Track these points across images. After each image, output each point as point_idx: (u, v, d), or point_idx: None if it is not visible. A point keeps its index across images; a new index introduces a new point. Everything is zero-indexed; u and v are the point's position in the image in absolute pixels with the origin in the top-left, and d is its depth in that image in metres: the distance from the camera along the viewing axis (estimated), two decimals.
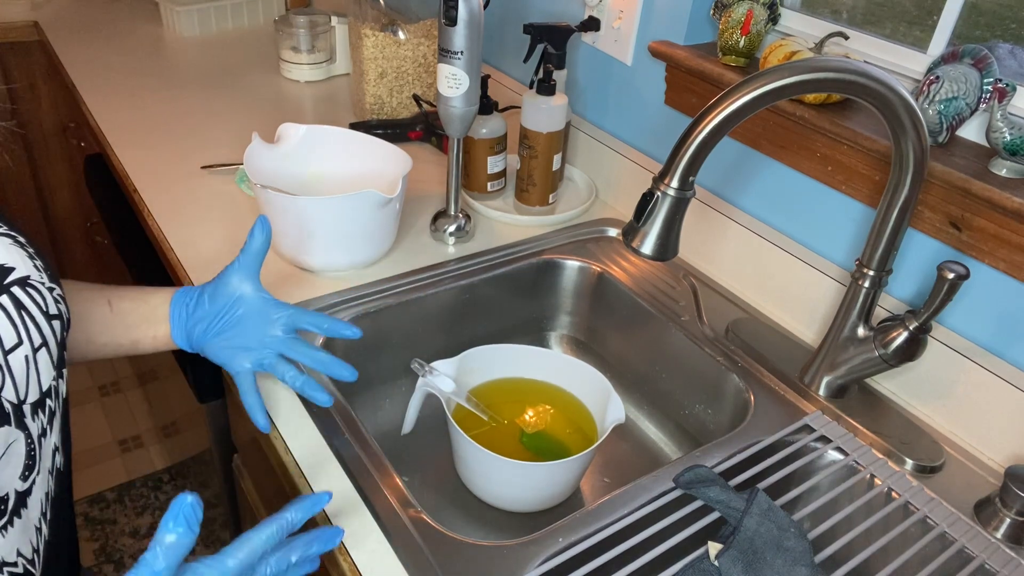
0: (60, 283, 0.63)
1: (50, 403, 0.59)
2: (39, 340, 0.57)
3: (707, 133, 0.67)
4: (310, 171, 1.10)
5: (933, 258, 0.86)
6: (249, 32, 1.89)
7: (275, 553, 0.59)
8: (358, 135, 1.11)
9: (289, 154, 1.08)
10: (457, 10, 0.93)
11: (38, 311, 0.57)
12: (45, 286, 0.59)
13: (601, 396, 0.88)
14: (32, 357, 0.56)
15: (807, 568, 0.67)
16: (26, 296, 0.57)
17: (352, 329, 0.81)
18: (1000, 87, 0.79)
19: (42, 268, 0.60)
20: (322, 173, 1.10)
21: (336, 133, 1.11)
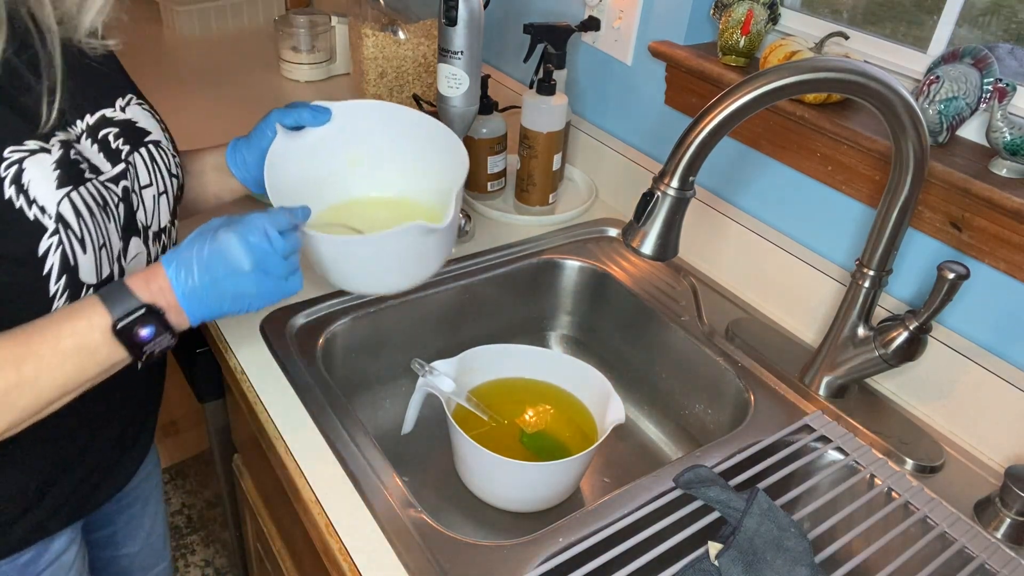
0: (179, 155, 0.81)
1: (164, 238, 0.77)
2: (163, 187, 0.76)
3: (707, 133, 0.67)
4: (347, 158, 0.91)
5: (933, 258, 0.86)
6: (249, 32, 1.89)
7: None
8: (398, 109, 0.91)
9: (317, 144, 0.89)
10: (457, 10, 0.93)
11: (164, 167, 0.76)
12: (170, 152, 0.78)
13: (601, 396, 0.88)
14: (157, 198, 0.75)
15: (807, 568, 0.67)
16: (158, 154, 0.76)
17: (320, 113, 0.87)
18: (1000, 87, 0.79)
19: (169, 139, 0.79)
20: (361, 159, 0.92)
21: (372, 109, 0.91)
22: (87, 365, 0.62)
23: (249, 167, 0.86)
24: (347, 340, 0.98)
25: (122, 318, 0.62)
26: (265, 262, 0.66)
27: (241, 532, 1.29)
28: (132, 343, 0.63)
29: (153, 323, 0.63)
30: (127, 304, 0.62)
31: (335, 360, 0.98)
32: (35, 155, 0.63)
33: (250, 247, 0.65)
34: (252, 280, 0.66)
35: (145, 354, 0.64)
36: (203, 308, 0.66)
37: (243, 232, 0.66)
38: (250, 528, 1.21)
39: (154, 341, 0.64)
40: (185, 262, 0.65)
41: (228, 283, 0.65)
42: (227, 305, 0.66)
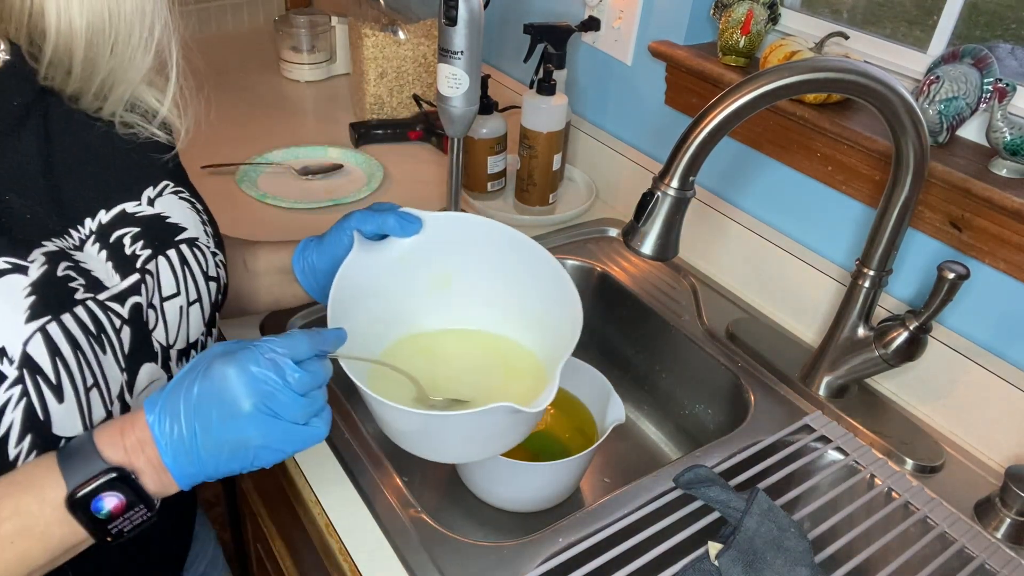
0: (224, 252, 0.68)
1: (194, 354, 0.63)
2: (194, 295, 0.63)
3: (707, 133, 0.67)
4: (431, 280, 0.78)
5: (933, 258, 0.86)
6: (249, 32, 1.89)
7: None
8: (508, 232, 0.76)
9: (399, 260, 0.75)
10: (457, 10, 0.93)
11: (199, 270, 0.63)
12: (210, 250, 0.65)
13: (601, 396, 0.88)
14: (186, 309, 0.62)
15: (807, 568, 0.67)
16: (191, 255, 0.63)
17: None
18: (1000, 87, 0.79)
19: (211, 234, 0.67)
20: (447, 284, 0.79)
21: (474, 225, 0.76)
22: (34, 552, 0.48)
23: (318, 275, 0.74)
24: None
25: (80, 487, 0.48)
26: (272, 401, 0.52)
27: (241, 532, 1.29)
28: (94, 520, 0.49)
29: (121, 492, 0.49)
30: (89, 467, 0.49)
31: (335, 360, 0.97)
32: (2, 278, 0.49)
33: (252, 380, 0.51)
34: (255, 425, 0.51)
35: (112, 534, 0.50)
36: (193, 466, 0.51)
37: (244, 361, 0.51)
38: (250, 528, 1.21)
39: (124, 517, 0.50)
40: (171, 406, 0.51)
41: (224, 431, 0.51)
42: (224, 461, 0.52)
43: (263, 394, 0.51)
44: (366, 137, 1.38)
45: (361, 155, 1.33)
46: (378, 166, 1.30)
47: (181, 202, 0.64)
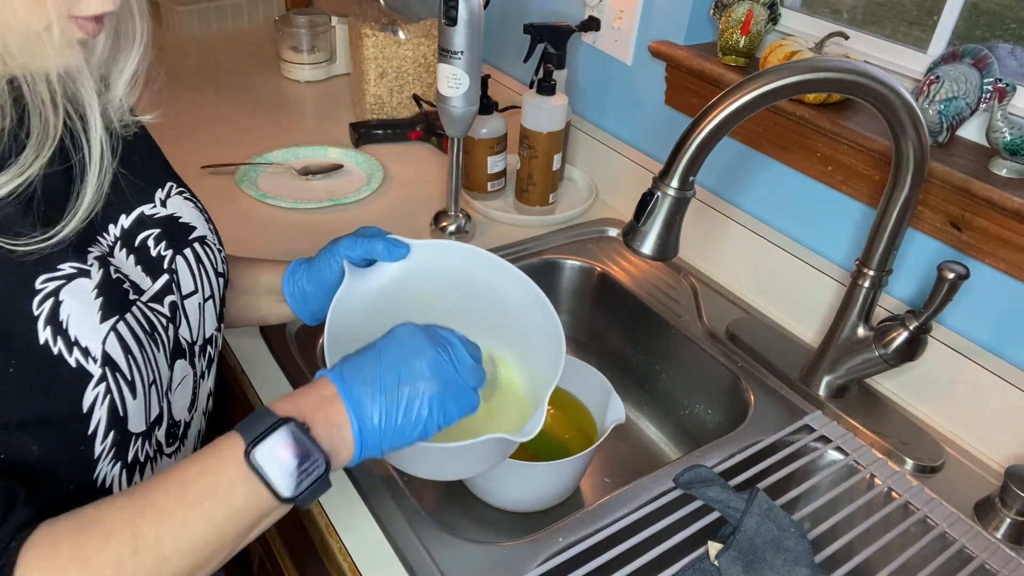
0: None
1: (210, 350, 0.67)
2: (209, 292, 0.66)
3: (707, 133, 0.67)
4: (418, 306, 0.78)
5: (933, 258, 0.86)
6: (249, 32, 1.89)
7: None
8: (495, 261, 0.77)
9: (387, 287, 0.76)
10: (457, 10, 0.93)
11: (211, 267, 0.66)
12: (216, 247, 0.68)
13: (601, 396, 0.88)
14: (203, 305, 0.64)
15: (807, 568, 0.67)
16: (203, 253, 0.65)
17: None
18: (1000, 87, 0.79)
19: (214, 231, 0.69)
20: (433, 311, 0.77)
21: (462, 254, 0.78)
22: (220, 516, 0.48)
23: (308, 298, 0.75)
24: None
25: (255, 439, 0.49)
26: (453, 351, 0.57)
27: None
28: (272, 472, 0.49)
29: (294, 439, 0.50)
30: (264, 422, 0.50)
31: None
32: (73, 281, 0.51)
33: (437, 334, 0.57)
34: (433, 370, 0.55)
35: (298, 490, 0.50)
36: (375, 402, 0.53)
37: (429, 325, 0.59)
38: None
39: (301, 469, 0.50)
40: (354, 360, 0.56)
41: (403, 368, 0.54)
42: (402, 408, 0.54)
43: (446, 343, 0.57)
44: (366, 137, 1.38)
45: (361, 155, 1.33)
46: (378, 166, 1.30)
47: (187, 202, 0.66)
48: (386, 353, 0.55)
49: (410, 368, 0.55)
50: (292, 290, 0.76)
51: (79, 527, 0.46)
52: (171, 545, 0.47)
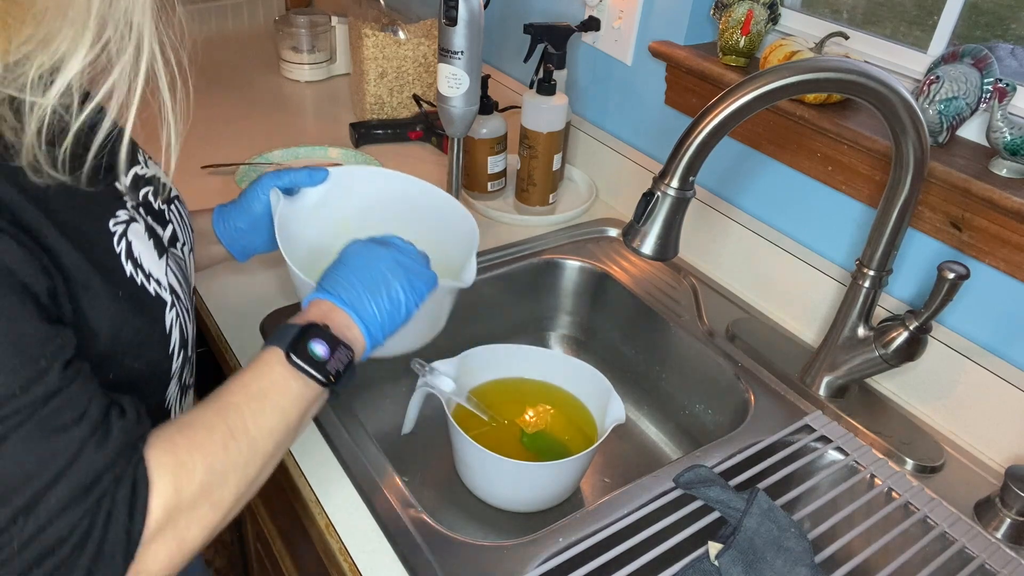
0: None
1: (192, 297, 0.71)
2: (189, 244, 0.71)
3: (707, 133, 0.67)
4: (353, 223, 0.88)
5: (933, 258, 0.86)
6: (249, 32, 1.89)
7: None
8: (397, 176, 0.90)
9: (319, 207, 0.86)
10: (457, 10, 0.93)
11: (187, 220, 0.72)
12: (183, 203, 0.73)
13: (601, 396, 0.88)
14: (187, 255, 0.70)
15: (807, 568, 0.67)
16: (180, 206, 0.71)
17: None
18: (1000, 87, 0.79)
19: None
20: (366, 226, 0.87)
21: (373, 175, 0.90)
22: (284, 404, 0.59)
23: (238, 235, 0.82)
24: None
25: (290, 345, 0.60)
26: (397, 246, 0.70)
27: (241, 532, 1.29)
28: (312, 364, 0.60)
29: (321, 337, 0.61)
30: (288, 331, 0.61)
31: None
32: (130, 225, 0.58)
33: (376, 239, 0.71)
34: (394, 261, 0.68)
35: (332, 376, 0.61)
36: (363, 301, 0.65)
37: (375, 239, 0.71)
38: (250, 528, 1.21)
39: (334, 358, 0.61)
40: (329, 278, 0.67)
41: (372, 268, 0.67)
42: (391, 296, 0.67)
43: (390, 244, 0.70)
44: (366, 137, 1.38)
45: (361, 155, 1.33)
46: (378, 166, 1.30)
47: (155, 164, 0.71)
48: (352, 265, 0.67)
49: (377, 269, 0.67)
50: (223, 228, 0.82)
51: (183, 427, 0.54)
52: (255, 429, 0.56)
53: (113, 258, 0.55)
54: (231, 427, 0.55)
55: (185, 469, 0.52)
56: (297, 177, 0.83)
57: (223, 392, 0.58)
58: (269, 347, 0.61)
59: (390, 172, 0.90)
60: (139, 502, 0.49)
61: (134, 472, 0.50)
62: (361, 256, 0.68)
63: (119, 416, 0.50)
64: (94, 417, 0.48)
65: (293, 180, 0.83)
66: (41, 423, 0.45)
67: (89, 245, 0.53)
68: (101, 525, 0.47)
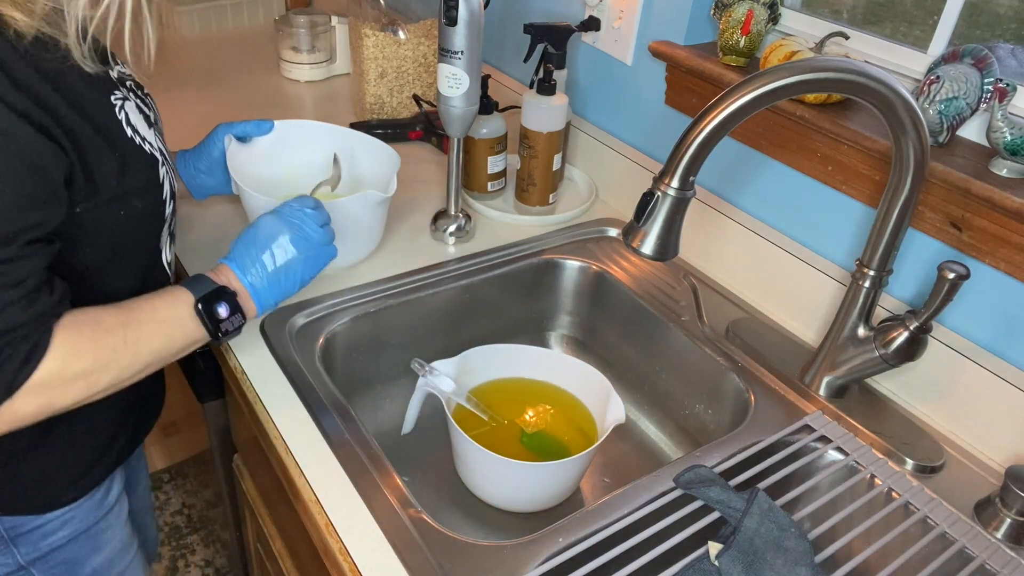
0: None
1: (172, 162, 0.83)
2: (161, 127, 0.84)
3: (707, 133, 0.67)
4: (294, 163, 1.08)
5: (933, 258, 0.86)
6: (249, 32, 1.89)
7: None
8: (326, 126, 1.11)
9: (266, 152, 1.06)
10: (457, 10, 0.93)
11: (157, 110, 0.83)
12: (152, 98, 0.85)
13: (601, 396, 0.88)
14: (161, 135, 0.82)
15: (807, 568, 0.67)
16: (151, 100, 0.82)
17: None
18: (1000, 87, 0.79)
19: None
20: (306, 164, 1.09)
21: (309, 125, 1.11)
22: (175, 336, 0.73)
23: (200, 173, 0.99)
24: (347, 340, 0.98)
25: (201, 297, 0.74)
26: (302, 229, 0.81)
27: (241, 532, 1.29)
28: (211, 318, 0.74)
29: (226, 301, 0.75)
30: (205, 286, 0.75)
31: (335, 360, 0.97)
32: (125, 102, 0.73)
33: (286, 216, 0.81)
34: (295, 245, 0.80)
35: (221, 333, 0.76)
36: (260, 279, 0.79)
37: (278, 210, 0.82)
38: (250, 528, 1.21)
39: (229, 319, 0.76)
40: (238, 253, 0.79)
41: (276, 255, 0.79)
42: (282, 277, 0.80)
43: (295, 223, 0.81)
44: None
45: None
46: None
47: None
48: (261, 244, 0.80)
49: (278, 247, 0.80)
50: (184, 168, 0.99)
51: (92, 321, 0.67)
52: (144, 345, 0.70)
53: (116, 123, 0.70)
54: (126, 337, 0.68)
55: (77, 352, 0.65)
56: (247, 127, 1.01)
57: (136, 306, 0.71)
58: (185, 289, 0.74)
59: (324, 124, 1.10)
60: (32, 360, 0.62)
61: (38, 338, 0.63)
62: (268, 236, 0.80)
63: (48, 293, 0.64)
64: (30, 286, 0.62)
65: (243, 130, 1.01)
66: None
67: (95, 113, 0.67)
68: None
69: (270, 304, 0.81)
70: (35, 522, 0.80)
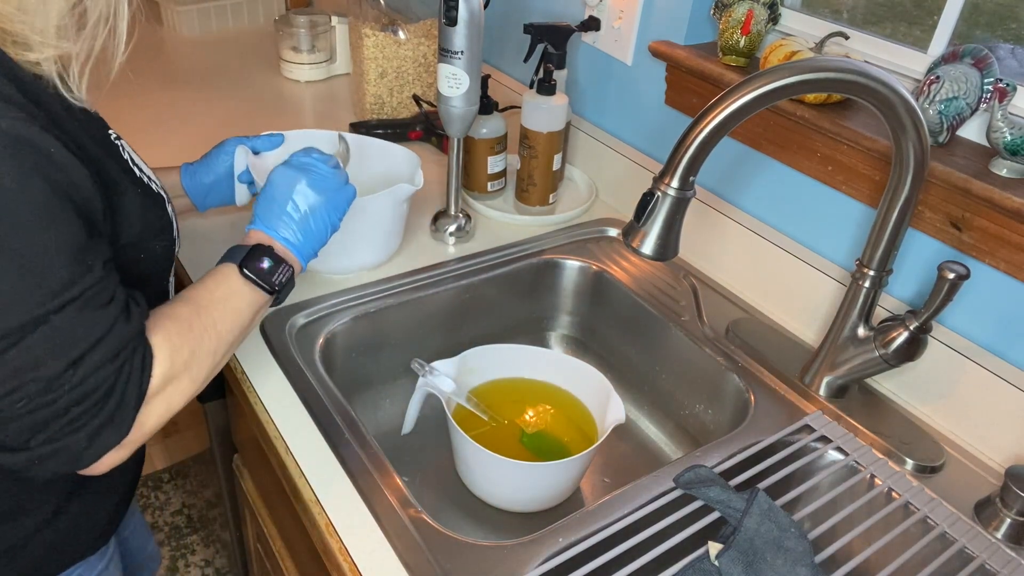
0: None
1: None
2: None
3: (707, 133, 0.67)
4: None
5: (933, 258, 0.86)
6: (249, 32, 1.89)
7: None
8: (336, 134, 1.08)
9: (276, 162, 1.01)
10: (457, 10, 0.93)
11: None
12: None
13: (601, 396, 0.88)
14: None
15: (807, 568, 0.67)
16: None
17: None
18: (1000, 87, 0.79)
19: None
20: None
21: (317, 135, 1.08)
22: (241, 307, 0.74)
23: (204, 187, 0.98)
24: (347, 340, 0.98)
25: (242, 262, 0.74)
26: (315, 171, 0.80)
27: (241, 532, 1.29)
28: (260, 276, 0.74)
29: (266, 255, 0.75)
30: (240, 252, 0.75)
31: (335, 360, 0.98)
32: (120, 139, 0.72)
33: (296, 165, 0.81)
34: (315, 191, 0.79)
35: (276, 286, 0.76)
36: (291, 231, 0.78)
37: (286, 161, 0.81)
38: (250, 528, 1.21)
39: (278, 271, 0.76)
40: (261, 212, 0.79)
41: (298, 203, 0.79)
42: (311, 223, 0.79)
43: (307, 168, 0.81)
44: None
45: None
46: None
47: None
48: (279, 198, 0.79)
49: (298, 194, 0.79)
50: (190, 182, 0.97)
51: (171, 318, 0.68)
52: (221, 325, 0.71)
53: (125, 163, 0.69)
54: (204, 323, 0.69)
55: (175, 349, 0.66)
56: (257, 142, 1.00)
57: (192, 295, 0.72)
58: (224, 263, 0.75)
59: (334, 133, 1.08)
60: (147, 369, 0.63)
61: (145, 347, 0.64)
62: (286, 187, 0.79)
63: (136, 303, 0.64)
64: (122, 300, 0.62)
65: (254, 145, 1.00)
66: (88, 302, 0.59)
67: (110, 153, 0.67)
68: (123, 381, 0.61)
69: (309, 252, 0.80)
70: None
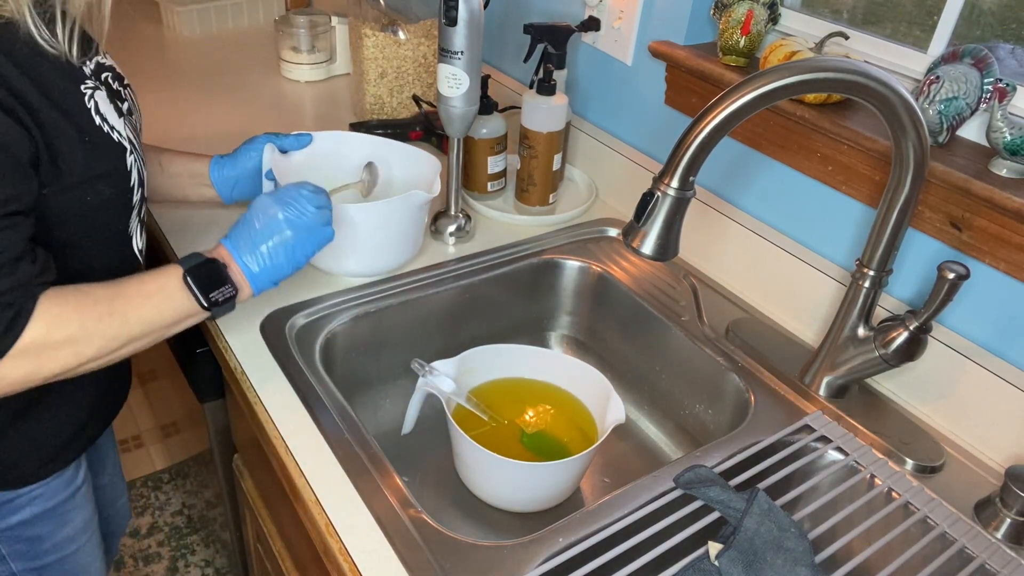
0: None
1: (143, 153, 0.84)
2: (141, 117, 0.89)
3: (707, 133, 0.67)
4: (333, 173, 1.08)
5: (933, 258, 0.86)
6: (249, 32, 1.89)
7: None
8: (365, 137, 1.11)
9: (304, 163, 1.06)
10: (457, 10, 0.93)
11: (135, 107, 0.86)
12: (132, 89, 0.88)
13: (601, 396, 0.88)
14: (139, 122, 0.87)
15: (807, 568, 0.67)
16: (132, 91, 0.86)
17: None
18: (1000, 87, 0.79)
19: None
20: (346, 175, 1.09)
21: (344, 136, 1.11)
22: (164, 308, 0.74)
23: (229, 182, 1.01)
24: (347, 340, 0.98)
25: (189, 269, 0.75)
26: (296, 208, 0.81)
27: (241, 532, 1.29)
28: (200, 288, 0.75)
29: (217, 272, 0.76)
30: (195, 260, 0.76)
31: (335, 360, 0.98)
32: (96, 91, 0.75)
33: (281, 197, 0.82)
34: (288, 224, 0.80)
35: (211, 302, 0.76)
36: (253, 258, 0.79)
37: (276, 191, 0.83)
38: (250, 528, 1.21)
39: (220, 290, 0.77)
40: (234, 231, 0.81)
41: (269, 231, 0.80)
42: (278, 255, 0.80)
43: (291, 206, 0.81)
44: None
45: None
46: None
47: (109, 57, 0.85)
48: (252, 221, 0.81)
49: (272, 227, 0.80)
50: (219, 176, 1.00)
51: (79, 292, 0.70)
52: (132, 315, 0.72)
53: (84, 111, 0.72)
54: (113, 308, 0.71)
55: (61, 320, 0.67)
56: (286, 141, 1.03)
57: (126, 280, 0.73)
58: (172, 265, 0.76)
59: (359, 135, 1.11)
60: (15, 327, 0.65)
61: (20, 306, 0.65)
62: (262, 215, 0.81)
63: (30, 262, 0.66)
64: (9, 256, 0.64)
65: (283, 144, 1.03)
66: None
67: (63, 101, 0.70)
68: None
69: (265, 282, 0.81)
70: (4, 497, 0.81)
